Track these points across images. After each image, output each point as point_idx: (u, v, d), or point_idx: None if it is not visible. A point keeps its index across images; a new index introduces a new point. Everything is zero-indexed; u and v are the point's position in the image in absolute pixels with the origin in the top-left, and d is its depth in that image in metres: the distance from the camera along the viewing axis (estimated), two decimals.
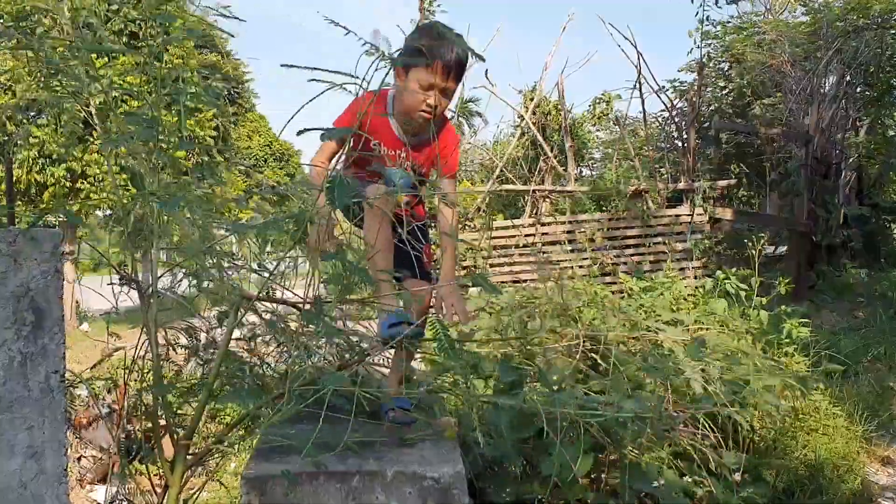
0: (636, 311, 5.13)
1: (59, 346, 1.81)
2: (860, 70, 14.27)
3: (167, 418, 2.56)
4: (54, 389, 1.79)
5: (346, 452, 2.14)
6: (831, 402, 5.27)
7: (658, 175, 12.32)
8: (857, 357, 7.04)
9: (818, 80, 13.23)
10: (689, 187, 10.69)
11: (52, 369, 1.79)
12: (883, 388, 6.22)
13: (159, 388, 2.37)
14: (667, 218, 10.58)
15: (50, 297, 1.79)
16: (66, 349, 1.86)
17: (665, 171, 12.36)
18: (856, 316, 10.00)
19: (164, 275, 2.42)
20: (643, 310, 5.14)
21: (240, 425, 2.57)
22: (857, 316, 9.98)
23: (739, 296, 5.99)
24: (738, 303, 5.94)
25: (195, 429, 2.37)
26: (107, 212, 10.88)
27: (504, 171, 12.62)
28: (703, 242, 10.03)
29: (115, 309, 2.55)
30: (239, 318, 2.42)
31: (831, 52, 13.42)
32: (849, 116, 14.87)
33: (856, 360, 6.89)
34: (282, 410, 2.11)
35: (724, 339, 4.99)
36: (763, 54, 14.54)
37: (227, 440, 2.58)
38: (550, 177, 12.34)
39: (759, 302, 5.81)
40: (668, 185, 10.84)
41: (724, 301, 5.62)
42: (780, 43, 13.79)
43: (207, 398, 2.38)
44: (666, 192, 10.73)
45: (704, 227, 10.34)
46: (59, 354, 1.81)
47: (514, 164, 13.24)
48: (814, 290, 11.97)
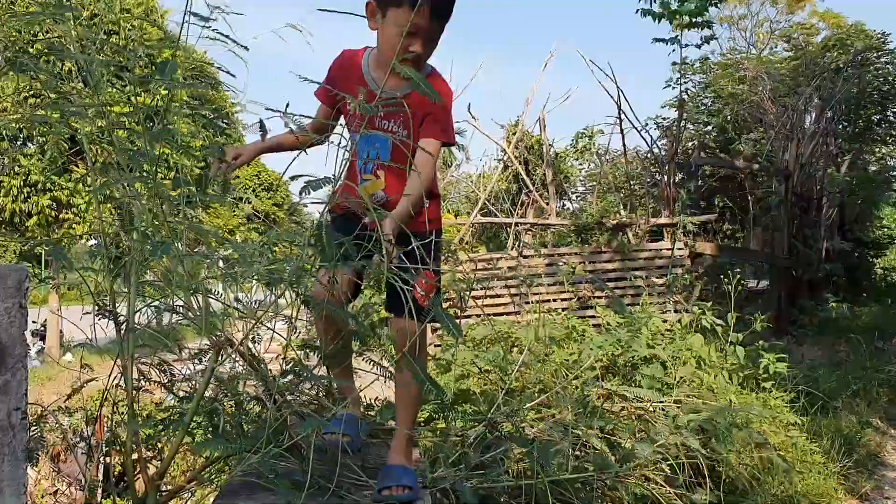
0: (612, 345, 5.15)
1: (22, 382, 1.81)
2: (841, 106, 14.51)
3: (140, 454, 2.55)
4: (15, 427, 1.79)
5: (317, 492, 2.14)
6: (809, 438, 5.30)
7: (639, 209, 12.42)
8: (837, 392, 7.07)
9: (798, 117, 13.44)
10: (670, 222, 10.77)
11: (13, 406, 1.79)
12: (861, 424, 6.25)
13: (132, 424, 2.37)
14: (647, 252, 10.65)
15: (13, 333, 1.79)
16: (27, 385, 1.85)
17: (646, 206, 12.46)
18: (837, 351, 10.06)
19: (142, 308, 2.40)
20: (619, 345, 5.17)
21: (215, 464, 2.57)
22: (838, 351, 10.04)
23: (716, 331, 6.03)
24: (716, 338, 5.98)
25: (167, 469, 2.37)
26: (92, 242, 10.86)
27: (487, 203, 12.70)
28: (683, 277, 10.09)
29: (92, 341, 2.52)
30: (220, 361, 2.37)
31: (811, 89, 13.65)
32: (830, 152, 15.09)
33: (835, 395, 6.92)
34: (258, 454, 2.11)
35: (699, 375, 5.02)
36: (745, 91, 14.78)
37: (201, 478, 2.57)
38: (533, 210, 12.43)
39: (737, 338, 5.85)
40: (648, 220, 10.92)
41: (700, 337, 5.66)
42: (762, 79, 14.03)
43: (182, 438, 2.37)
44: (647, 225, 10.81)
45: (685, 262, 10.41)
46: (21, 391, 1.80)
47: (498, 196, 13.33)
48: (796, 324, 12.05)
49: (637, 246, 10.59)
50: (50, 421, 3.66)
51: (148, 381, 2.71)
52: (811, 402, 6.16)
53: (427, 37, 2.20)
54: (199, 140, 13.28)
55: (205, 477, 2.65)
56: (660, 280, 10.28)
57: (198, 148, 13.60)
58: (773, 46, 24.71)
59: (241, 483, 2.28)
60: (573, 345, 5.71)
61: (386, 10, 2.18)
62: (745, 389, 5.74)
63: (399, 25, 2.13)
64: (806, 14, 27.73)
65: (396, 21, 2.15)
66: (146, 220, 2.28)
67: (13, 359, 1.81)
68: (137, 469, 2.45)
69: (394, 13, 2.15)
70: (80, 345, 2.66)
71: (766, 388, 5.88)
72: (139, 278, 2.32)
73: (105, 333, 2.47)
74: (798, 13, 28.45)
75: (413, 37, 2.15)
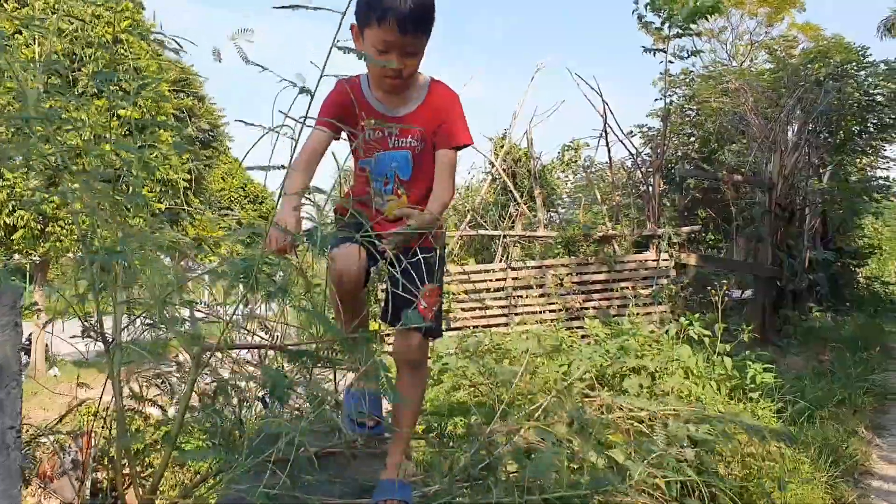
0: (602, 356, 5.19)
1: (16, 401, 1.80)
2: (822, 118, 14.67)
3: (132, 470, 2.54)
4: (10, 446, 1.78)
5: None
6: (796, 449, 5.33)
7: (625, 220, 12.51)
8: (822, 402, 7.11)
9: (780, 128, 13.58)
10: (655, 233, 10.85)
11: (8, 425, 1.79)
12: (847, 433, 6.28)
13: (123, 440, 2.36)
14: (633, 263, 10.72)
15: (8, 351, 1.79)
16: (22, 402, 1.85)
17: (632, 217, 12.55)
18: (821, 360, 10.11)
19: (128, 325, 2.39)
20: (609, 356, 5.20)
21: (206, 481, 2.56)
22: (822, 360, 10.10)
23: (703, 342, 6.07)
24: (703, 348, 6.02)
25: (158, 484, 2.36)
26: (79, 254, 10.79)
27: (475, 216, 12.75)
28: (668, 287, 10.16)
29: (84, 356, 2.51)
30: (200, 370, 2.37)
31: (793, 101, 13.80)
32: (811, 163, 15.24)
33: (821, 404, 6.96)
34: (243, 465, 2.11)
35: (688, 385, 5.06)
36: (728, 103, 14.93)
37: (193, 494, 2.56)
38: (521, 222, 12.49)
39: (724, 348, 5.89)
40: (633, 231, 11.00)
41: (688, 347, 5.70)
42: (744, 92, 14.17)
43: (171, 452, 2.37)
44: (632, 237, 10.88)
45: (670, 273, 10.48)
46: (15, 409, 1.80)
47: (486, 209, 13.39)
48: (780, 334, 12.12)
49: (623, 257, 10.66)
50: (41, 439, 3.63)
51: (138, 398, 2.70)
52: (798, 411, 6.20)
53: (403, 51, 2.15)
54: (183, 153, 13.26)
55: (198, 492, 2.64)
56: (645, 291, 10.34)
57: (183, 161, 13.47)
58: (753, 58, 25.01)
59: (235, 499, 2.27)
60: (563, 356, 5.73)
61: (363, 31, 2.16)
62: (732, 400, 5.78)
63: (374, 45, 2.14)
64: (785, 26, 28.14)
65: (372, 40, 2.14)
66: (109, 233, 2.28)
67: (8, 377, 1.80)
68: (127, 484, 2.44)
69: (368, 33, 2.14)
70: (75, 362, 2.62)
71: (752, 398, 5.93)
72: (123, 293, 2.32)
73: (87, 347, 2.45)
74: (777, 25, 28.85)
75: (387, 53, 2.14)
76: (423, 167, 2.33)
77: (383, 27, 2.08)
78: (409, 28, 2.10)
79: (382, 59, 2.14)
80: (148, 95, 13.24)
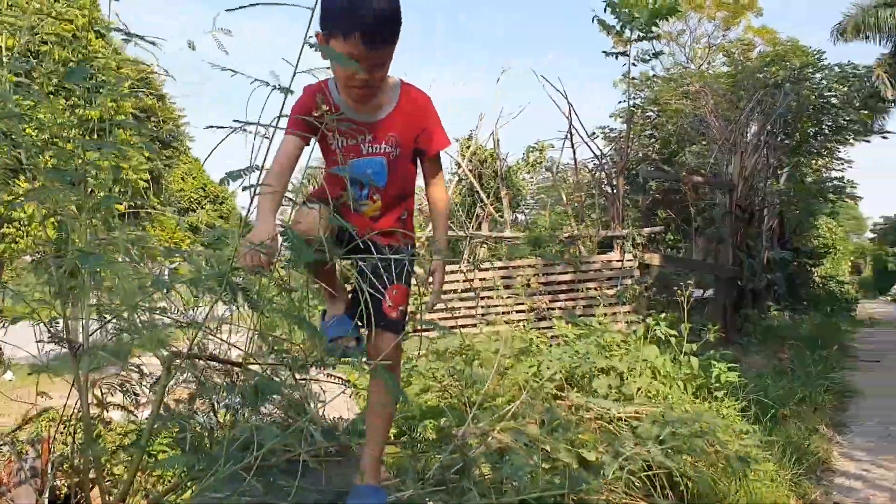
0: (571, 357, 5.20)
1: None
2: (780, 120, 14.94)
3: (98, 476, 2.48)
4: None
5: None
6: (761, 448, 5.39)
7: (589, 221, 12.60)
8: (784, 400, 7.21)
9: (740, 130, 13.79)
10: (619, 233, 10.94)
11: None
12: (809, 431, 6.38)
13: (92, 448, 2.29)
14: (598, 263, 10.79)
15: None
16: None
17: (596, 217, 12.65)
18: (780, 358, 10.28)
19: (97, 330, 2.33)
20: (578, 357, 5.22)
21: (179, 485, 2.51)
22: (781, 358, 10.26)
23: (670, 341, 6.12)
24: (669, 348, 6.06)
25: (128, 491, 2.30)
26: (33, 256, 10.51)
27: None
28: (632, 287, 10.25)
29: (39, 360, 2.41)
30: (171, 376, 2.33)
31: (752, 104, 14.03)
32: (770, 165, 15.52)
33: (783, 403, 7.06)
34: (222, 471, 2.06)
35: (655, 385, 5.09)
36: (688, 105, 15.13)
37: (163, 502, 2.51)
38: (488, 223, 12.50)
39: (690, 348, 5.95)
40: (598, 231, 11.08)
41: (655, 348, 5.74)
42: (704, 94, 14.37)
43: (140, 459, 2.31)
44: (597, 237, 10.95)
45: (634, 273, 10.57)
46: None
47: (452, 210, 13.38)
48: (740, 333, 12.31)
49: (588, 257, 10.73)
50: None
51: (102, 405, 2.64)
52: (762, 410, 6.28)
53: (370, 64, 2.08)
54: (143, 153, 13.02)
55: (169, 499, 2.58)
56: (610, 291, 10.42)
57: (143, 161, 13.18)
58: (710, 61, 25.40)
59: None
60: (532, 357, 5.73)
61: (328, 41, 2.08)
62: (697, 399, 5.84)
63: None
64: (741, 30, 28.65)
65: (338, 51, 2.06)
66: (80, 234, 2.23)
67: None
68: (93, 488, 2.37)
69: (334, 43, 2.05)
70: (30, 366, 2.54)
71: (718, 397, 5.99)
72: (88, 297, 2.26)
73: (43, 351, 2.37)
74: (734, 28, 29.34)
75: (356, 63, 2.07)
76: (398, 172, 2.30)
77: (349, 42, 2.02)
78: (376, 42, 2.05)
79: (349, 70, 2.08)
80: (108, 94, 13.00)
